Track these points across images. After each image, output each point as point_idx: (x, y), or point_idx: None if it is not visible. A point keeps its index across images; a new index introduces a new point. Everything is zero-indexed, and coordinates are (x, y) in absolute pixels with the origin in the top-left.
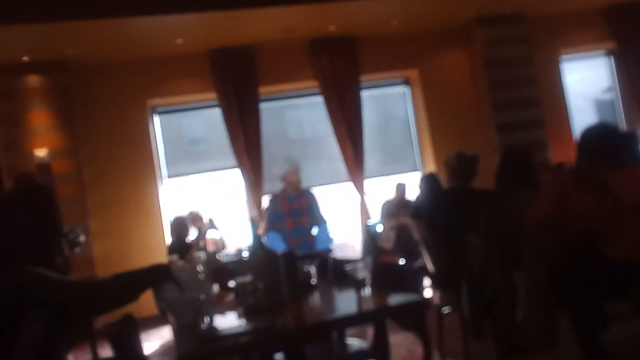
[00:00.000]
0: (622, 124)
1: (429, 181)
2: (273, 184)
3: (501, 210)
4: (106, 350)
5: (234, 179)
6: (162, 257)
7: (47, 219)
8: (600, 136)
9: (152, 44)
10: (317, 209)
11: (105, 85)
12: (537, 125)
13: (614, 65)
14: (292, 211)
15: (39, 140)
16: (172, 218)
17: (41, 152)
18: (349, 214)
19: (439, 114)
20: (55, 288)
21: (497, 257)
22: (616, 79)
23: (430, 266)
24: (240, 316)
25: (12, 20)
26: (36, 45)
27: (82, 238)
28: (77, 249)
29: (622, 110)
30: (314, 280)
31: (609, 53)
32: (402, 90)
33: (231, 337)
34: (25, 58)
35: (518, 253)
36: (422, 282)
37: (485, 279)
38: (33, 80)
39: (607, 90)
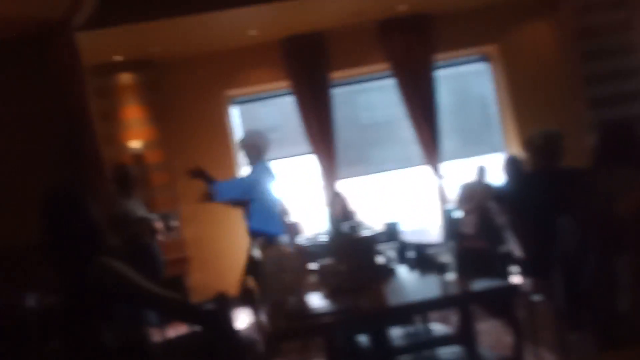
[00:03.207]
0: None
1: (513, 164)
2: (347, 168)
3: (599, 191)
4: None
5: (308, 165)
6: (245, 238)
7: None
8: None
9: (228, 37)
10: None
11: (188, 80)
12: (638, 98)
13: None
14: None
15: (132, 133)
16: None
17: (135, 144)
18: (426, 199)
19: (522, 90)
20: (126, 284)
21: (595, 242)
22: None
23: (517, 252)
24: (324, 297)
25: (106, 23)
26: (127, 45)
27: (175, 223)
28: (172, 233)
29: None
30: (393, 264)
31: None
32: (481, 67)
33: (318, 317)
34: (118, 57)
35: (619, 238)
36: (509, 268)
37: (581, 266)
38: (126, 78)
39: None
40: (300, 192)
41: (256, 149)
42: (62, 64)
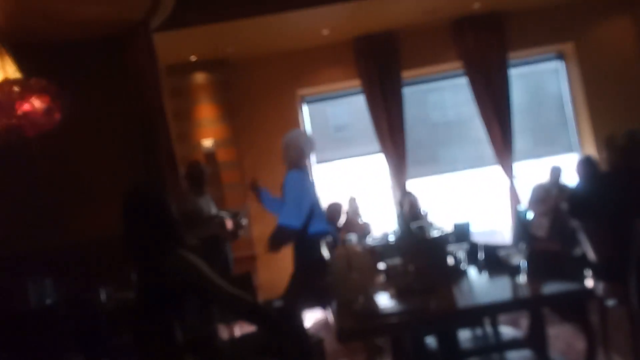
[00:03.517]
0: None
1: (588, 165)
2: (417, 168)
3: None
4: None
5: (378, 164)
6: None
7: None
8: None
9: (301, 37)
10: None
11: (260, 79)
12: None
13: None
14: None
15: (205, 132)
16: (330, 202)
17: (208, 143)
18: (497, 199)
19: (598, 89)
20: (199, 278)
21: None
22: None
23: (591, 255)
24: (391, 297)
25: (183, 24)
26: (202, 45)
27: (244, 221)
28: (241, 232)
29: None
30: (464, 265)
31: None
32: (555, 65)
33: (387, 317)
34: (193, 57)
35: None
36: (582, 271)
37: None
38: (200, 77)
39: None
40: (369, 192)
41: (299, 151)
42: (140, 64)
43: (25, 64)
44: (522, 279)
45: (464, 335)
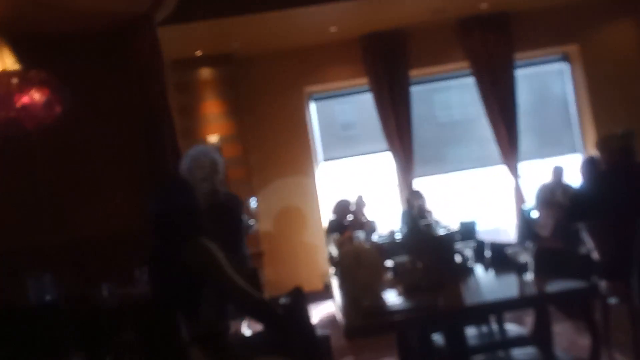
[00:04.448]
0: None
1: (591, 165)
2: (424, 166)
3: None
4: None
5: (385, 162)
6: (319, 234)
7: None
8: None
9: (308, 34)
10: None
11: (267, 75)
12: None
13: None
14: None
15: (211, 128)
16: (336, 199)
17: (213, 139)
18: (502, 198)
19: (602, 91)
20: (215, 268)
21: None
22: None
23: (594, 253)
24: (399, 294)
25: (188, 18)
26: (208, 40)
27: (251, 221)
28: (249, 228)
29: None
30: (470, 263)
31: None
32: (560, 67)
33: (394, 314)
34: (199, 52)
35: None
36: (588, 269)
37: None
38: (205, 73)
39: None
40: (375, 190)
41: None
42: (144, 58)
43: (25, 56)
44: (529, 276)
45: (470, 332)
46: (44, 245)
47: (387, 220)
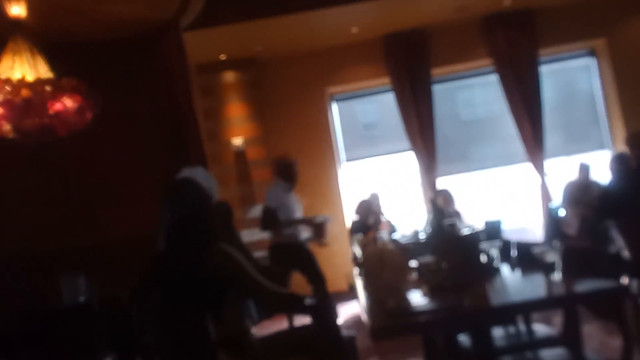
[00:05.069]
0: None
1: (620, 162)
2: (447, 165)
3: None
4: (301, 319)
5: (407, 162)
6: (341, 234)
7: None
8: None
9: (330, 35)
10: None
11: (289, 77)
12: None
13: None
14: None
15: (235, 130)
16: (360, 199)
17: (237, 141)
18: (528, 197)
19: (631, 86)
20: (240, 273)
21: None
22: None
23: (624, 252)
24: (424, 295)
25: (212, 23)
26: (231, 44)
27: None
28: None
29: None
30: (496, 263)
31: None
32: (587, 62)
33: (420, 314)
34: (223, 56)
35: None
36: (618, 268)
37: None
38: (229, 76)
39: None
40: (399, 190)
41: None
42: (170, 63)
43: (57, 64)
44: (557, 276)
45: (497, 333)
46: (77, 247)
47: (409, 219)
